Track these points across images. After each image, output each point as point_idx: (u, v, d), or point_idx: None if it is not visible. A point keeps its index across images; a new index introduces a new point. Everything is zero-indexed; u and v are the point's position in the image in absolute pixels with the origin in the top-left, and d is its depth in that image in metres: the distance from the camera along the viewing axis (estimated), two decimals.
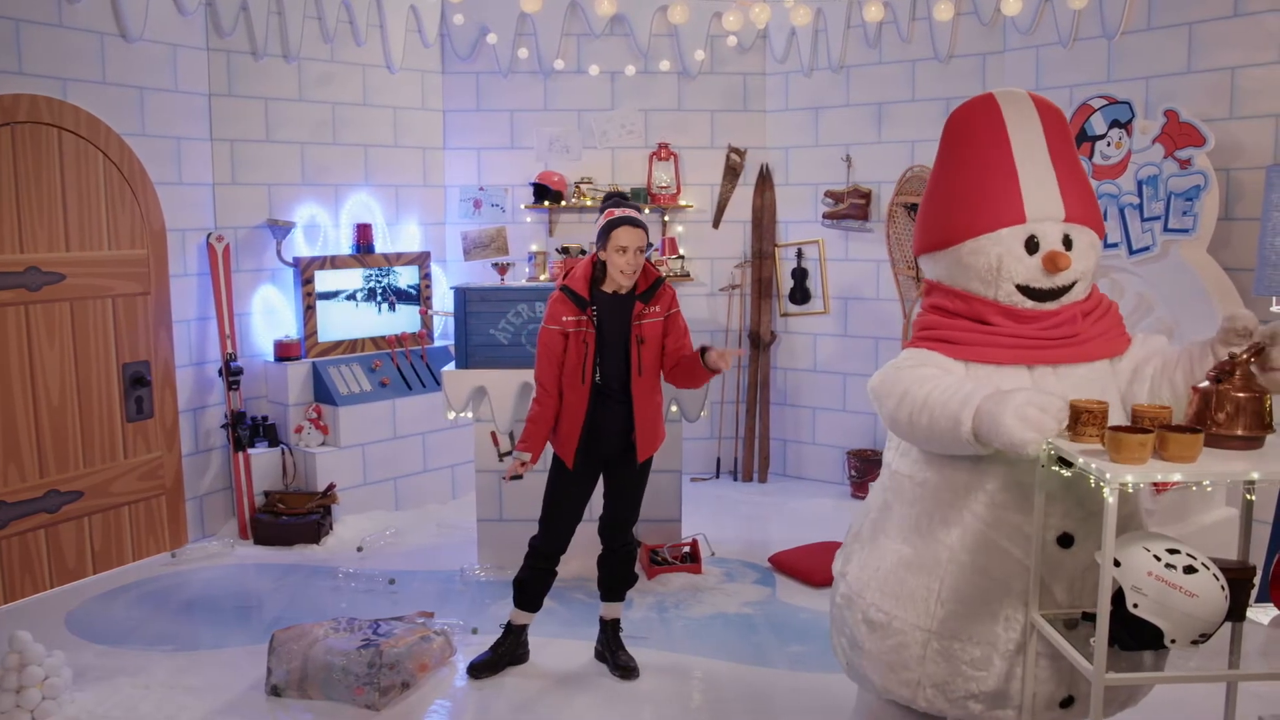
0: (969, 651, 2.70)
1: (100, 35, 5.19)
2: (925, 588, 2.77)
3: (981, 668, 2.69)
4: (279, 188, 6.16)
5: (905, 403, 2.69)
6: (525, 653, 4.22)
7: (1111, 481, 2.32)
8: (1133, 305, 5.16)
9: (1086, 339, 2.79)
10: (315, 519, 5.69)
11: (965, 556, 2.73)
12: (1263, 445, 2.55)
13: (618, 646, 4.18)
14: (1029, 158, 2.80)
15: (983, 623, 2.70)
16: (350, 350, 6.33)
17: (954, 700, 2.74)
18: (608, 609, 4.22)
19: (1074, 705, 2.72)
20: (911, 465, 2.91)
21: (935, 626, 2.73)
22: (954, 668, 2.72)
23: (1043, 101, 2.91)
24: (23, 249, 4.88)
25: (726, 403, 7.13)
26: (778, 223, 7.04)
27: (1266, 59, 4.83)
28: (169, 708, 3.83)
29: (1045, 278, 2.76)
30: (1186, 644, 2.45)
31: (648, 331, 3.96)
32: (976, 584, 2.71)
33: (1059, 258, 2.72)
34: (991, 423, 2.45)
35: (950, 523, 2.77)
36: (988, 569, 2.71)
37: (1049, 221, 2.77)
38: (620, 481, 4.12)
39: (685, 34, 6.76)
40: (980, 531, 2.74)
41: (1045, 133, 2.82)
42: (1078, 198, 2.81)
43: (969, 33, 6.18)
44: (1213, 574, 2.43)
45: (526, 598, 4.14)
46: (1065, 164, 2.83)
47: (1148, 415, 2.51)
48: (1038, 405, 2.42)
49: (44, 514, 5.00)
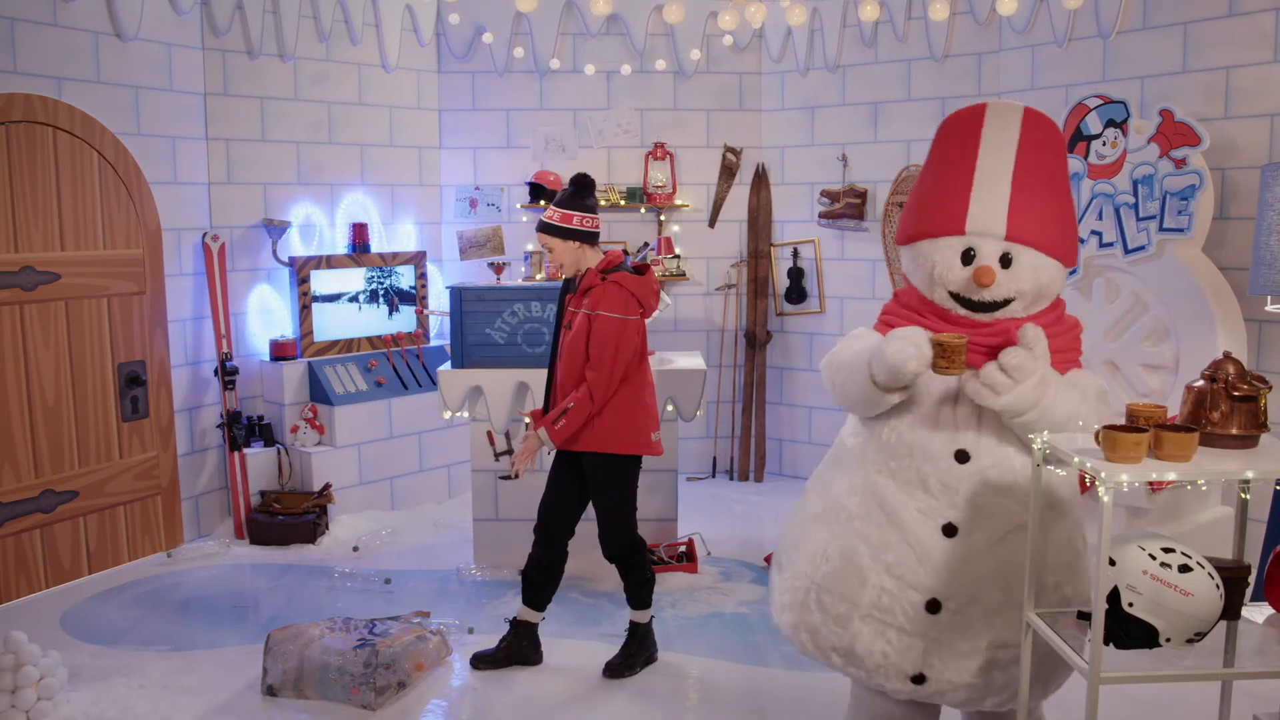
0: (835, 607, 2.88)
1: (95, 34, 5.18)
2: (823, 542, 2.95)
3: (841, 625, 2.87)
4: (274, 187, 6.15)
5: (833, 367, 2.98)
6: (538, 655, 4.19)
7: (1107, 480, 2.33)
8: (1128, 305, 5.18)
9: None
10: (311, 519, 5.69)
11: (856, 521, 2.90)
12: (1257, 444, 2.56)
13: (626, 648, 4.16)
14: (989, 172, 2.82)
15: (850, 584, 2.86)
16: (346, 350, 6.32)
17: (821, 649, 2.93)
18: (632, 613, 4.22)
19: (926, 683, 2.82)
20: (848, 431, 3.14)
21: (819, 579, 2.92)
22: (824, 619, 2.90)
23: (1036, 119, 2.87)
24: (17, 248, 4.87)
25: (723, 402, 7.14)
26: (773, 222, 7.05)
27: (1261, 58, 4.84)
28: (164, 708, 3.82)
29: (975, 290, 2.81)
30: (1181, 643, 2.46)
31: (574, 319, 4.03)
32: (856, 547, 2.87)
33: (983, 274, 2.76)
34: (879, 358, 2.73)
35: (853, 489, 2.95)
36: (867, 535, 2.86)
37: (989, 237, 2.79)
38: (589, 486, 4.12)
39: (681, 33, 6.77)
40: (869, 499, 2.91)
41: (1019, 149, 2.82)
42: (1030, 219, 2.79)
43: (965, 32, 6.18)
44: (1208, 573, 2.44)
45: (523, 588, 4.15)
46: (1029, 183, 2.81)
47: (1143, 414, 2.52)
48: (909, 337, 2.70)
49: (39, 514, 4.99)
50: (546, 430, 3.95)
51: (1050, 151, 2.87)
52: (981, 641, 2.78)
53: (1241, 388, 2.54)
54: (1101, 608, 2.41)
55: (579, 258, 4.03)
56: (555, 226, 3.99)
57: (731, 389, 7.14)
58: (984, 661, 2.79)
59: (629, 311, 3.93)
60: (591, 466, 4.03)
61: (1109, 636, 2.48)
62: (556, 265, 4.08)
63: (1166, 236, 4.90)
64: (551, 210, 4.01)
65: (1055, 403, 2.68)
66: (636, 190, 6.92)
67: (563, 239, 3.99)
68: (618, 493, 4.05)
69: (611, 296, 3.92)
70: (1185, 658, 2.51)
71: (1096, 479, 2.36)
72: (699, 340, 7.11)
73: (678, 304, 7.06)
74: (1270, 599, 2.81)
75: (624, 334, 3.91)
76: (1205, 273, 4.86)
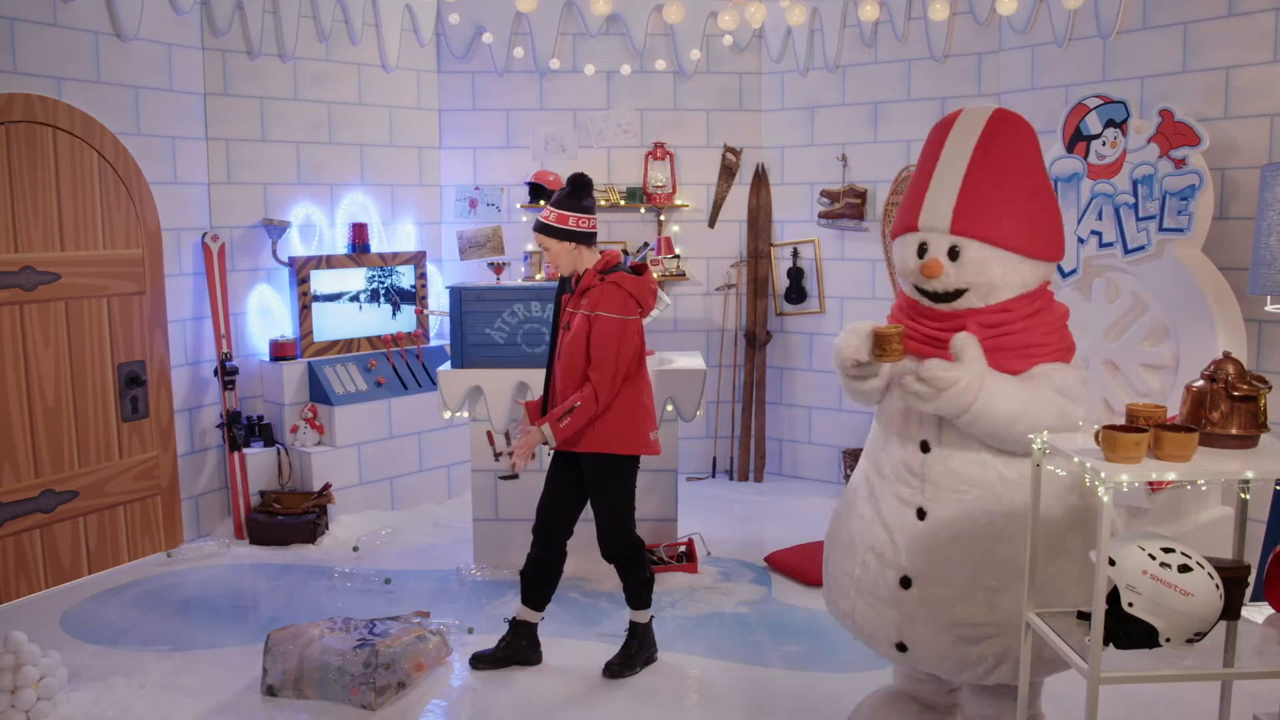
0: (840, 579, 3.24)
1: (95, 34, 5.18)
2: (836, 523, 3.33)
3: (843, 594, 3.22)
4: (274, 187, 6.15)
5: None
6: (537, 655, 4.19)
7: (1107, 480, 2.33)
8: (1128, 305, 5.18)
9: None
10: (311, 519, 5.69)
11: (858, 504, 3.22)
12: (1257, 444, 2.57)
13: (625, 649, 4.14)
14: (947, 170, 2.99)
15: (848, 560, 3.20)
16: (346, 350, 6.32)
17: (839, 614, 3.29)
18: (631, 614, 4.20)
19: (908, 651, 3.08)
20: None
21: (833, 554, 3.30)
22: (835, 589, 3.28)
23: (1001, 117, 3.01)
24: (17, 248, 4.87)
25: (723, 402, 7.14)
26: (773, 222, 7.05)
27: (1261, 58, 4.85)
28: (164, 708, 3.82)
29: (926, 282, 3.00)
30: (1181, 643, 2.46)
31: (573, 320, 4.00)
32: (852, 527, 3.21)
33: (926, 266, 2.96)
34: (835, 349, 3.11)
35: (861, 474, 3.27)
36: (862, 516, 3.18)
37: (936, 232, 2.97)
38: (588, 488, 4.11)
39: (681, 33, 6.77)
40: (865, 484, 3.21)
41: (978, 147, 2.96)
42: (978, 212, 2.92)
43: (965, 32, 6.18)
44: (1207, 573, 2.44)
45: (523, 589, 4.15)
46: (980, 179, 2.94)
47: (1143, 414, 2.52)
48: (854, 329, 3.08)
49: (39, 514, 4.99)
50: (551, 427, 3.94)
51: (1012, 147, 2.98)
52: (948, 618, 2.96)
53: (1241, 388, 2.54)
54: (1101, 607, 2.41)
55: (575, 258, 4.02)
56: (551, 227, 3.98)
57: (731, 389, 7.14)
58: (954, 637, 2.97)
59: (628, 312, 3.93)
60: (591, 466, 4.02)
61: (1109, 636, 2.48)
62: (554, 265, 4.07)
63: (1166, 236, 4.90)
64: (548, 211, 4.00)
65: (990, 406, 2.79)
66: (636, 190, 6.92)
67: (559, 239, 3.98)
68: (617, 493, 4.04)
69: (611, 297, 3.91)
70: (1185, 658, 2.51)
71: (1096, 479, 2.37)
72: (699, 340, 7.11)
73: (678, 304, 7.06)
74: (1270, 599, 2.81)
75: (624, 334, 3.91)
76: (1205, 273, 4.86)
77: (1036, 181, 3.01)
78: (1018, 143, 2.99)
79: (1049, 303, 3.05)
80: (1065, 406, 2.83)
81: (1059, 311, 3.06)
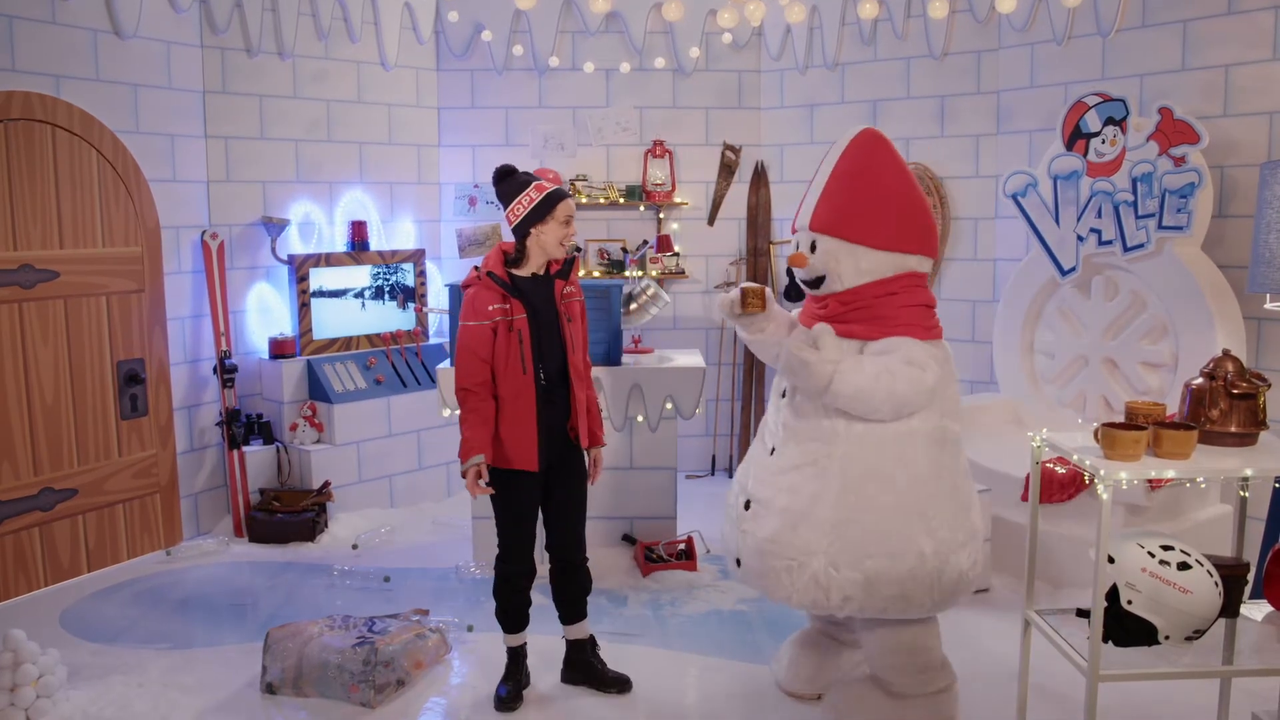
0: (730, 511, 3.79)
1: (94, 32, 5.18)
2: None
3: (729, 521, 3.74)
4: (274, 185, 6.15)
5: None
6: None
7: (1106, 478, 2.33)
8: (1127, 303, 5.18)
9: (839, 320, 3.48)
10: (310, 517, 5.69)
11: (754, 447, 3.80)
12: (1256, 442, 2.57)
13: (602, 664, 3.95)
14: (818, 179, 3.54)
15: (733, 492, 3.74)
16: (345, 348, 6.32)
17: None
18: (576, 629, 3.93)
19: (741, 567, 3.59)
20: None
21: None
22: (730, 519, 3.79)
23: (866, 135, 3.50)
24: (16, 246, 4.87)
25: (721, 400, 7.14)
26: (773, 220, 7.04)
27: (1260, 56, 4.85)
28: (164, 706, 3.82)
29: (796, 271, 3.59)
30: (1180, 640, 2.46)
31: (575, 309, 3.79)
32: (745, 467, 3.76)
33: (792, 258, 3.56)
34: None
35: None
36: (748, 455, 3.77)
37: (804, 231, 3.54)
38: (567, 487, 3.81)
39: (680, 31, 6.76)
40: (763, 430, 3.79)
41: (840, 160, 3.49)
42: (833, 212, 3.44)
43: (964, 30, 6.18)
44: (1206, 570, 2.44)
45: (513, 621, 3.87)
46: (838, 185, 3.46)
47: (1142, 412, 2.52)
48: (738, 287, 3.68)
49: (38, 512, 4.99)
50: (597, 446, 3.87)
51: (866, 158, 3.47)
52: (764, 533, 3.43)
53: (1240, 385, 2.54)
54: (1101, 605, 2.41)
55: (543, 244, 3.68)
56: (515, 229, 3.70)
57: (730, 387, 7.14)
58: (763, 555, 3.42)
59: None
60: (579, 464, 3.85)
61: (1108, 634, 2.48)
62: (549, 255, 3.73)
63: (1165, 234, 4.90)
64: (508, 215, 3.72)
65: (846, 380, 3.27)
66: (635, 188, 6.92)
67: (523, 236, 3.69)
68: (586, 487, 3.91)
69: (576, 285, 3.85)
70: (1184, 655, 2.51)
71: (1095, 476, 2.37)
72: (698, 338, 7.11)
73: (677, 302, 7.06)
74: (1269, 597, 2.82)
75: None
76: (1204, 271, 4.86)
77: (891, 185, 3.45)
78: (871, 153, 3.47)
79: (909, 288, 3.46)
80: (914, 374, 3.28)
81: (921, 299, 3.47)
